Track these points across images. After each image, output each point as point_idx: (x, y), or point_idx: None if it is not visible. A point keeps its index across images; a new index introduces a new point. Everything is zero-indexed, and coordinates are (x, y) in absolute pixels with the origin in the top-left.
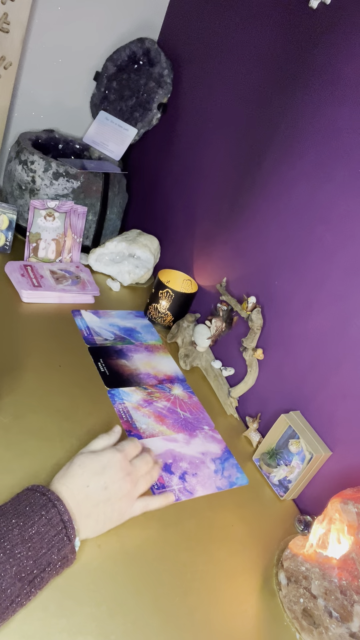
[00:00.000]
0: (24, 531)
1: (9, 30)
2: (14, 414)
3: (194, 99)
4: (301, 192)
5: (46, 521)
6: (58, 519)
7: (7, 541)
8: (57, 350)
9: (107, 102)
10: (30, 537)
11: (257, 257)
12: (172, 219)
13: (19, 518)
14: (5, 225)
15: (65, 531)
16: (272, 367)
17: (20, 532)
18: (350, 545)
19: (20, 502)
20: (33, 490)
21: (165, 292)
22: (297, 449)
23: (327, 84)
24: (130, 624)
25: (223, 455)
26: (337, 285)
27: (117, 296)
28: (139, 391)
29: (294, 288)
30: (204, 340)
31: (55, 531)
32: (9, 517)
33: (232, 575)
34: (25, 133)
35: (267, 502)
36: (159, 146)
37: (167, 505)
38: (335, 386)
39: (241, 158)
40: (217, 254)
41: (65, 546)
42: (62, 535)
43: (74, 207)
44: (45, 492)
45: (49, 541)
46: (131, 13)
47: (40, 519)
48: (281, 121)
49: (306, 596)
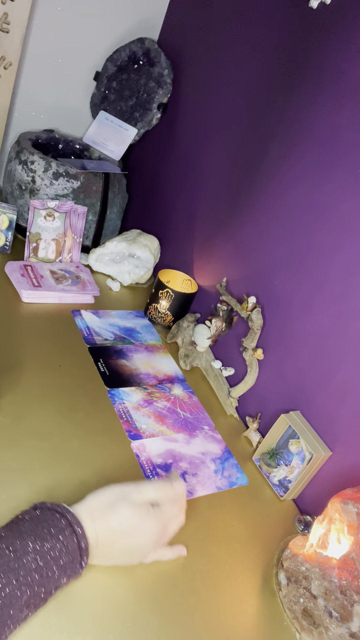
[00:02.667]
0: (39, 556)
1: (9, 30)
2: (14, 414)
3: (194, 98)
4: (301, 192)
5: (63, 546)
6: (75, 545)
7: (22, 568)
8: (57, 350)
9: (107, 102)
10: (45, 562)
11: (257, 257)
12: (172, 219)
13: (35, 542)
14: (5, 225)
15: (80, 559)
16: (272, 367)
17: (35, 557)
18: (350, 545)
19: (39, 523)
20: (53, 511)
21: (165, 292)
22: (297, 449)
23: (327, 84)
24: (130, 624)
25: (223, 455)
26: (337, 285)
27: (117, 296)
28: (139, 391)
29: (294, 288)
30: (204, 340)
31: (69, 558)
32: (25, 537)
33: (232, 575)
34: (25, 133)
35: (267, 502)
36: (159, 146)
37: (178, 557)
38: (335, 386)
39: (241, 158)
40: (217, 254)
41: (76, 573)
42: (76, 563)
43: (74, 207)
44: (69, 519)
45: (63, 566)
46: (131, 13)
47: (58, 542)
48: (281, 121)
49: (306, 596)
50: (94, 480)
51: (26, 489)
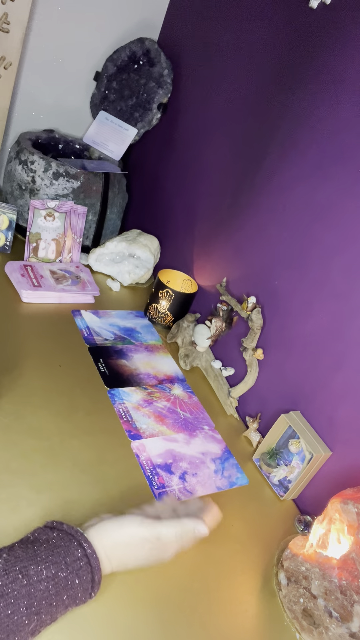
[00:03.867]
0: (52, 585)
1: (9, 30)
2: (14, 414)
3: (194, 99)
4: (301, 192)
5: (76, 577)
6: (88, 577)
7: (34, 596)
8: (57, 350)
9: (107, 102)
10: (57, 592)
11: (257, 257)
12: (172, 219)
13: (49, 569)
14: (5, 225)
15: (91, 590)
16: (272, 367)
17: (47, 586)
18: (350, 545)
19: (55, 548)
20: (70, 537)
21: (165, 292)
22: (297, 449)
23: (327, 84)
24: (130, 624)
25: (223, 455)
26: (337, 285)
27: (117, 296)
28: (139, 391)
29: (294, 288)
30: (204, 340)
31: (81, 589)
32: (40, 563)
33: (232, 575)
34: (25, 133)
35: (267, 502)
36: (159, 146)
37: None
38: (335, 386)
39: (241, 158)
40: (217, 254)
41: (84, 602)
42: (87, 594)
43: (74, 207)
44: (86, 550)
45: (72, 596)
46: (131, 13)
47: (72, 573)
48: (281, 121)
49: (306, 596)
50: (94, 481)
51: (26, 489)
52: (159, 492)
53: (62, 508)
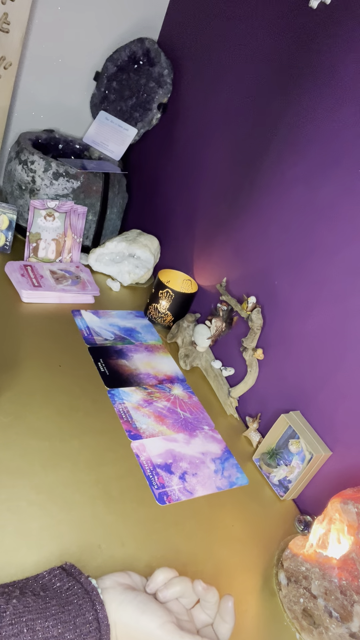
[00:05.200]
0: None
1: (9, 30)
2: (14, 414)
3: (194, 99)
4: (301, 192)
5: (85, 631)
6: (97, 637)
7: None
8: (57, 350)
9: (107, 102)
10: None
11: (257, 257)
12: (172, 219)
13: (56, 627)
14: (5, 225)
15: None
16: (272, 367)
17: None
18: (350, 545)
19: (66, 605)
20: (85, 593)
21: (165, 292)
22: (297, 449)
23: (327, 84)
24: None
25: (223, 455)
26: (337, 285)
27: (117, 296)
28: (139, 391)
29: (294, 288)
30: (204, 340)
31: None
32: (49, 619)
33: (232, 575)
34: (25, 133)
35: (267, 502)
36: (159, 146)
37: None
38: (335, 386)
39: (241, 158)
40: (217, 254)
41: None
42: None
43: (74, 207)
44: (98, 614)
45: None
46: (131, 13)
47: (79, 636)
48: (281, 121)
49: (306, 596)
50: (94, 481)
51: (26, 489)
52: (159, 492)
53: (62, 508)
